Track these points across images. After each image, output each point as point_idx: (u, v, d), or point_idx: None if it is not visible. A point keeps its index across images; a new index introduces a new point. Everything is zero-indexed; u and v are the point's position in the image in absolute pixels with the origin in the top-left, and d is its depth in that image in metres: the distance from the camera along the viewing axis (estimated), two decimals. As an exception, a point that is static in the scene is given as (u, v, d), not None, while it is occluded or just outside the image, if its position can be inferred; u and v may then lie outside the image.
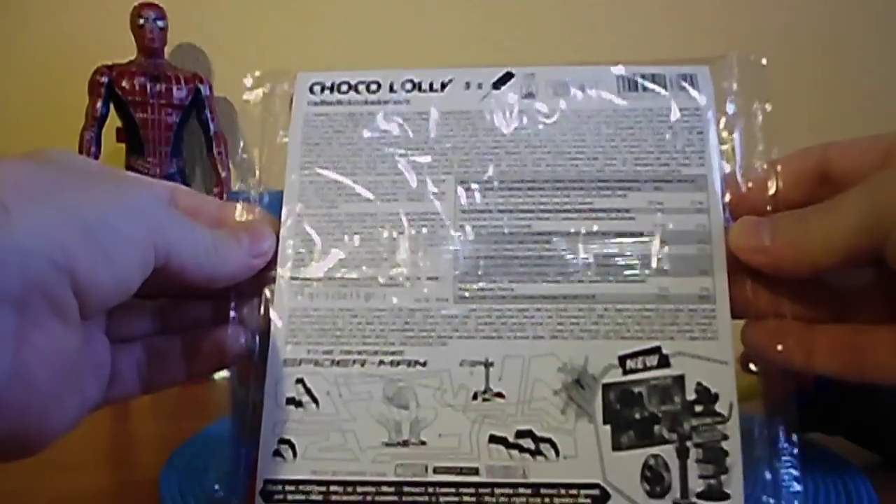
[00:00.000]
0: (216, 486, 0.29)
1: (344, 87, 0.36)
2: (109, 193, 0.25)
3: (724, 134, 0.31)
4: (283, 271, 0.31)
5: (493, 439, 0.27)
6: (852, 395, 0.44)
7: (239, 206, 0.33)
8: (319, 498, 0.28)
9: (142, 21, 0.76)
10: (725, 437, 0.28)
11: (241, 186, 0.33)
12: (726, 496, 0.27)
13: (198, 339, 0.30)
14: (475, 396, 0.28)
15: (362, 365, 0.29)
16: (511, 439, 0.27)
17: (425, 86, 0.36)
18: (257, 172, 0.33)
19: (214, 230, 0.29)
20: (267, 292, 0.31)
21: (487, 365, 0.28)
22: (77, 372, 0.24)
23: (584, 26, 0.87)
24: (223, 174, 0.80)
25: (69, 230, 0.22)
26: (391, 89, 0.36)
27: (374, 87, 0.36)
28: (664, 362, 0.28)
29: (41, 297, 0.21)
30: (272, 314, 0.30)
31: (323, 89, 0.37)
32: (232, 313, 0.31)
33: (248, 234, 0.30)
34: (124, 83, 0.76)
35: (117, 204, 0.25)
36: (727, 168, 0.30)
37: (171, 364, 0.30)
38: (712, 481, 0.27)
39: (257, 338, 0.30)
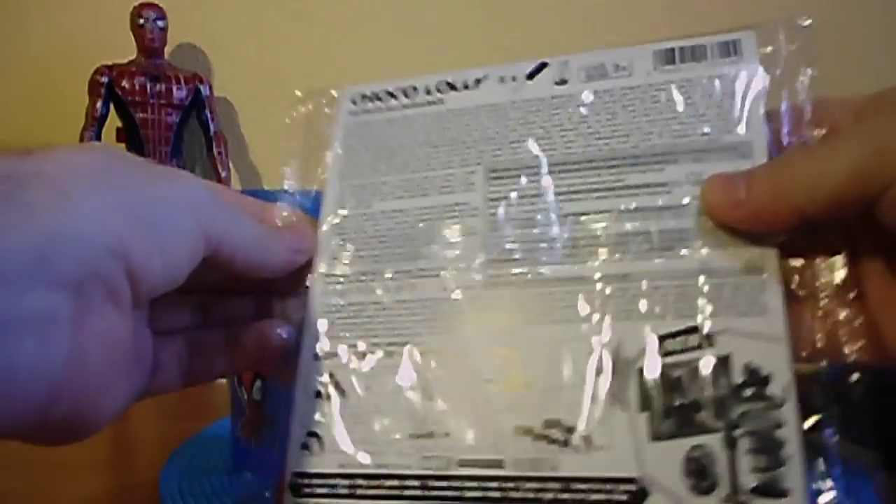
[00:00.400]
0: (266, 494, 0.29)
1: (383, 95, 0.36)
2: (162, 183, 0.25)
3: (769, 100, 0.29)
4: (317, 269, 0.31)
5: (520, 430, 0.26)
6: (852, 394, 0.44)
7: (280, 206, 0.33)
8: (345, 491, 0.27)
9: (142, 21, 0.76)
10: (780, 425, 0.25)
11: (291, 185, 0.34)
12: (785, 493, 0.24)
13: (240, 332, 0.30)
14: (501, 384, 0.26)
15: (390, 356, 0.29)
16: (538, 430, 0.26)
17: (460, 85, 0.36)
18: (298, 181, 0.34)
19: (260, 224, 0.29)
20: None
21: (515, 351, 0.27)
22: (127, 359, 0.25)
23: (585, 26, 0.87)
24: (223, 174, 0.80)
25: (125, 218, 0.22)
26: (427, 92, 0.35)
27: (411, 91, 0.35)
28: (707, 342, 0.25)
29: (98, 283, 0.22)
30: (305, 309, 0.30)
31: (364, 98, 0.36)
32: (274, 308, 0.31)
33: (291, 231, 0.31)
34: (124, 83, 0.76)
35: (170, 193, 0.25)
36: (772, 135, 0.27)
37: (212, 357, 0.31)
38: (767, 475, 0.24)
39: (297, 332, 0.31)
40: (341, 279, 0.31)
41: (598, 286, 0.27)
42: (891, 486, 0.27)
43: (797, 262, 0.26)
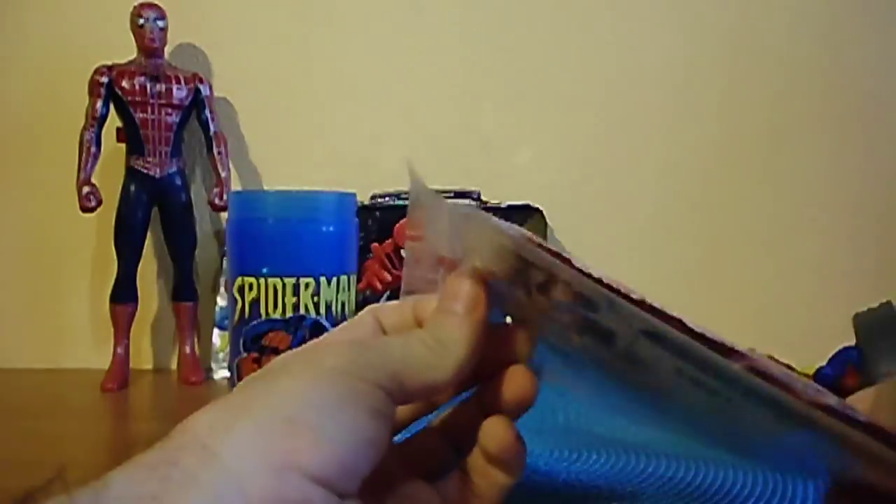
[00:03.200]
0: None
1: None
2: (302, 379, 0.25)
3: None
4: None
5: None
6: (852, 395, 0.44)
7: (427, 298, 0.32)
8: None
9: (142, 21, 0.76)
10: None
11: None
12: None
13: (491, 394, 0.30)
14: None
15: None
16: None
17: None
18: None
19: (417, 335, 0.29)
20: None
21: None
22: None
23: (584, 26, 0.87)
24: (223, 174, 0.80)
25: (272, 430, 0.23)
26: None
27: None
28: None
29: (280, 502, 0.22)
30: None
31: None
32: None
33: (453, 303, 0.29)
34: (124, 83, 0.76)
35: (307, 380, 0.25)
36: None
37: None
38: None
39: None
40: None
41: None
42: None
43: None
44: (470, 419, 0.30)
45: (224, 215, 0.83)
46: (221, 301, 0.83)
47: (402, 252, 0.75)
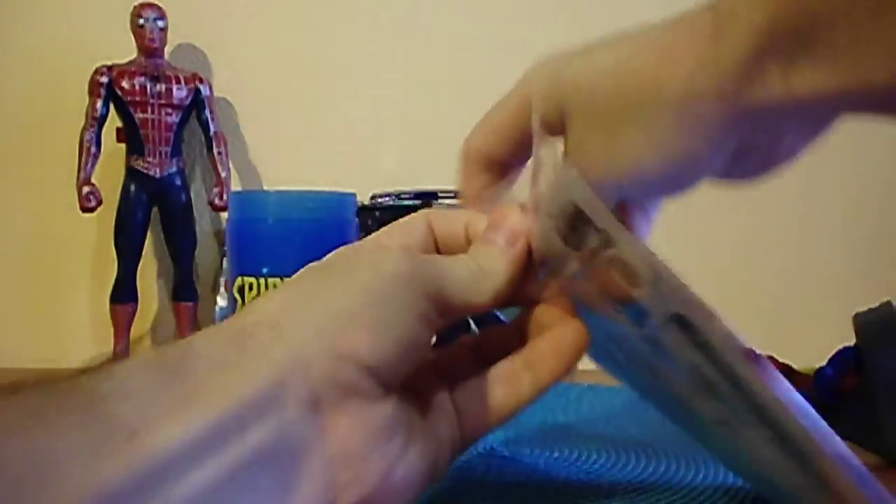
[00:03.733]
0: None
1: None
2: (363, 272, 0.28)
3: None
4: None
5: None
6: (852, 395, 0.44)
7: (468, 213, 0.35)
8: None
9: (142, 21, 0.76)
10: None
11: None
12: None
13: (538, 348, 0.32)
14: None
15: None
16: None
17: None
18: None
19: (467, 257, 0.31)
20: None
21: None
22: (397, 442, 0.26)
23: (584, 26, 0.87)
24: (223, 174, 0.80)
25: (337, 324, 0.25)
26: None
27: None
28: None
29: (332, 388, 0.25)
30: None
31: None
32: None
33: (497, 233, 0.32)
34: (124, 83, 0.76)
35: (373, 277, 0.27)
36: None
37: (515, 382, 0.31)
38: None
39: None
40: None
41: None
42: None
43: None
44: (505, 339, 0.33)
45: (224, 215, 0.83)
46: (221, 301, 0.83)
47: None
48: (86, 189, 0.75)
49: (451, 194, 0.78)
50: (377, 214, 0.76)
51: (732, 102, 0.23)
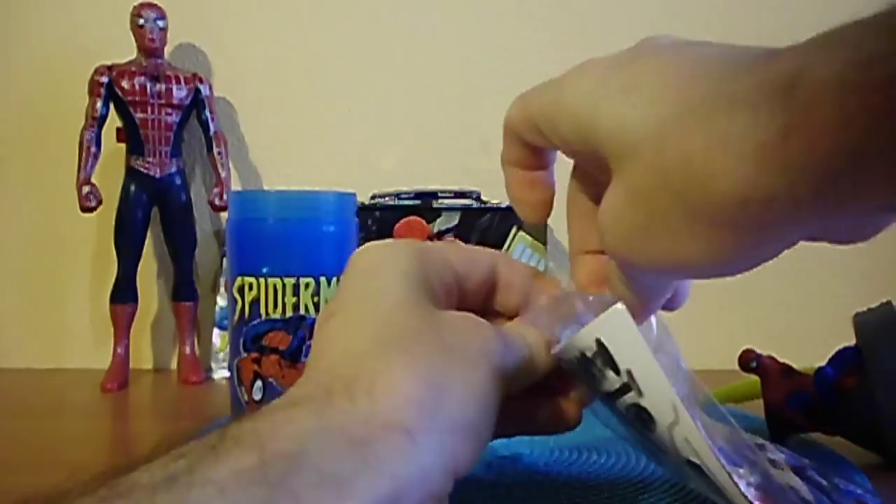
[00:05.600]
0: None
1: None
2: (472, 368, 0.26)
3: None
4: None
5: None
6: (852, 395, 0.44)
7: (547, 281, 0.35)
8: None
9: (142, 21, 0.76)
10: None
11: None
12: None
13: (535, 406, 0.33)
14: None
15: None
16: None
17: None
18: None
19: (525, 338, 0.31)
20: None
21: None
22: None
23: (584, 26, 0.87)
24: (223, 174, 0.80)
25: (457, 435, 0.24)
26: None
27: None
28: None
29: (432, 500, 0.23)
30: None
31: None
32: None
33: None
34: (124, 83, 0.76)
35: (484, 378, 0.26)
36: None
37: (506, 423, 0.31)
38: None
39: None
40: None
41: None
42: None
43: None
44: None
45: (224, 215, 0.83)
46: (221, 301, 0.83)
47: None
48: (86, 189, 0.75)
49: (451, 194, 0.78)
50: (377, 214, 0.76)
51: (808, 207, 0.20)
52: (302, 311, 0.47)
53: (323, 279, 0.47)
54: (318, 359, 0.26)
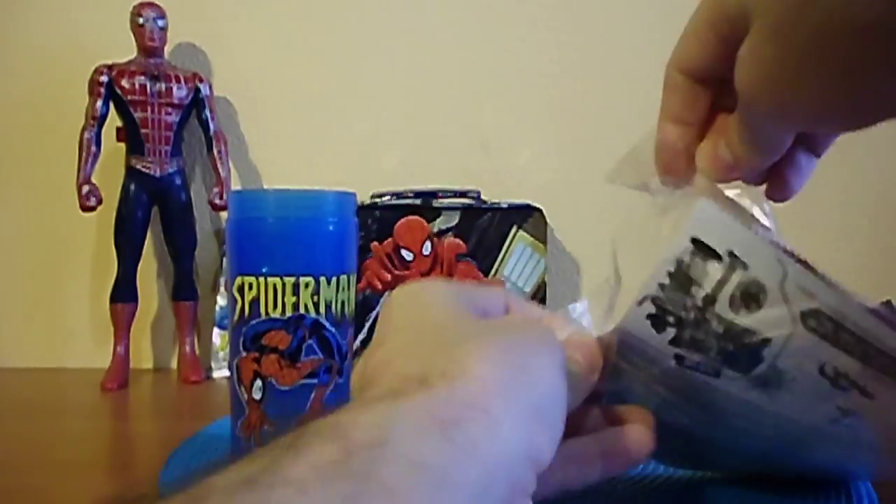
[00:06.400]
0: None
1: None
2: (544, 361, 0.26)
3: None
4: None
5: None
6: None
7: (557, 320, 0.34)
8: None
9: (142, 21, 0.76)
10: None
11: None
12: None
13: (612, 440, 0.32)
14: None
15: None
16: None
17: None
18: None
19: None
20: None
21: None
22: None
23: (584, 26, 0.87)
24: (223, 174, 0.80)
25: (534, 420, 0.23)
26: None
27: None
28: None
29: (518, 493, 0.22)
30: None
31: None
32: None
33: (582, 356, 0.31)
34: (124, 83, 0.76)
35: (554, 371, 0.26)
36: None
37: (588, 465, 0.32)
38: None
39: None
40: None
41: None
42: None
43: None
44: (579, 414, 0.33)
45: (224, 215, 0.83)
46: (221, 301, 0.83)
47: (403, 251, 0.75)
48: (86, 188, 0.75)
49: (451, 194, 0.78)
50: (377, 214, 0.76)
51: None
52: (302, 311, 0.47)
53: (323, 278, 0.47)
54: (375, 380, 0.25)
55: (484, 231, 0.77)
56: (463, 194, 0.78)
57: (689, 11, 0.31)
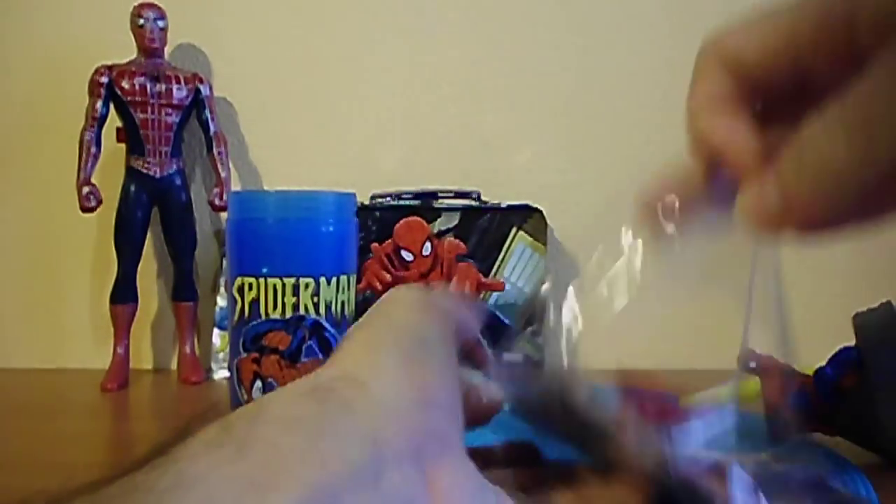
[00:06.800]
0: None
1: None
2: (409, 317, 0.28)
3: None
4: None
5: None
6: (852, 395, 0.44)
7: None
8: None
9: (142, 21, 0.76)
10: None
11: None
12: None
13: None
14: None
15: None
16: None
17: None
18: None
19: None
20: None
21: None
22: (490, 495, 0.25)
23: (584, 26, 0.87)
24: (223, 174, 0.80)
25: (416, 366, 0.25)
26: None
27: None
28: None
29: (431, 439, 0.23)
30: None
31: None
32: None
33: None
34: (124, 83, 0.76)
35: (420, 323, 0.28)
36: None
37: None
38: None
39: None
40: None
41: None
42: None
43: None
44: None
45: (224, 215, 0.83)
46: (221, 301, 0.83)
47: (402, 252, 0.75)
48: (86, 189, 0.75)
49: (451, 194, 0.78)
50: (377, 214, 0.76)
51: None
52: (301, 311, 0.47)
53: (322, 279, 0.47)
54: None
55: (484, 231, 0.77)
56: (463, 195, 0.78)
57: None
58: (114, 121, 0.78)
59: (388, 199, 0.78)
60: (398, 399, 0.23)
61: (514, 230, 0.77)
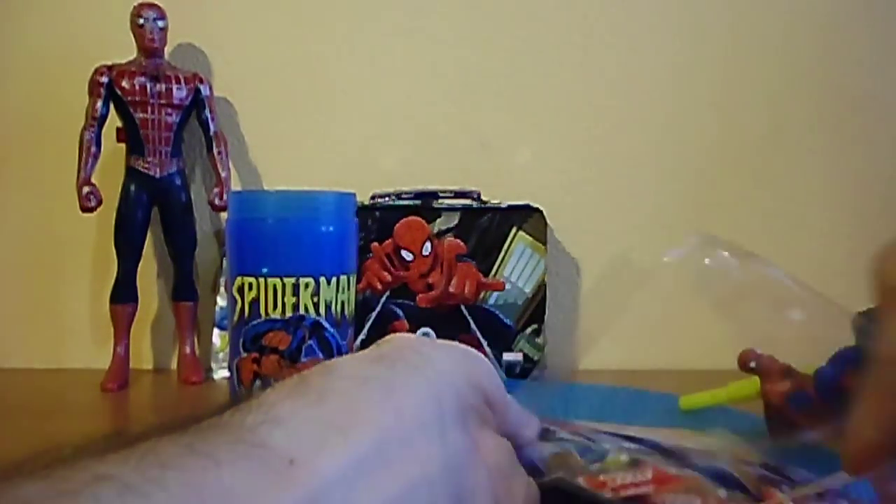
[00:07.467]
0: None
1: None
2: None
3: None
4: None
5: None
6: (852, 395, 0.43)
7: None
8: None
9: (142, 21, 0.76)
10: None
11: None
12: None
13: None
14: None
15: None
16: None
17: None
18: None
19: None
20: None
21: None
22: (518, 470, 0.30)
23: (584, 26, 0.87)
24: (223, 174, 0.80)
25: (465, 356, 0.29)
26: None
27: None
28: None
29: (473, 413, 0.26)
30: None
31: None
32: None
33: None
34: (124, 83, 0.76)
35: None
36: None
37: None
38: None
39: None
40: None
41: None
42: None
43: None
44: None
45: (224, 215, 0.83)
46: (221, 301, 0.83)
47: (402, 252, 0.75)
48: (86, 189, 0.75)
49: (451, 194, 0.78)
50: (377, 214, 0.76)
51: None
52: (301, 311, 0.47)
53: (322, 279, 0.47)
54: None
55: (484, 231, 0.77)
56: (463, 195, 0.78)
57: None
58: (114, 121, 0.78)
59: (388, 199, 0.78)
60: (453, 373, 0.26)
61: (514, 230, 0.77)
